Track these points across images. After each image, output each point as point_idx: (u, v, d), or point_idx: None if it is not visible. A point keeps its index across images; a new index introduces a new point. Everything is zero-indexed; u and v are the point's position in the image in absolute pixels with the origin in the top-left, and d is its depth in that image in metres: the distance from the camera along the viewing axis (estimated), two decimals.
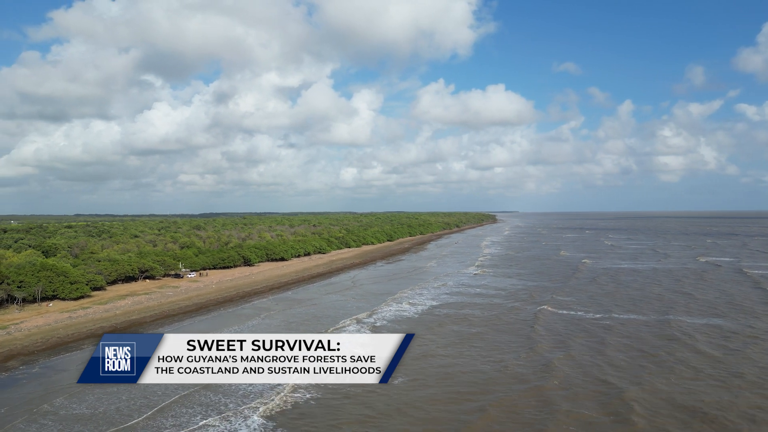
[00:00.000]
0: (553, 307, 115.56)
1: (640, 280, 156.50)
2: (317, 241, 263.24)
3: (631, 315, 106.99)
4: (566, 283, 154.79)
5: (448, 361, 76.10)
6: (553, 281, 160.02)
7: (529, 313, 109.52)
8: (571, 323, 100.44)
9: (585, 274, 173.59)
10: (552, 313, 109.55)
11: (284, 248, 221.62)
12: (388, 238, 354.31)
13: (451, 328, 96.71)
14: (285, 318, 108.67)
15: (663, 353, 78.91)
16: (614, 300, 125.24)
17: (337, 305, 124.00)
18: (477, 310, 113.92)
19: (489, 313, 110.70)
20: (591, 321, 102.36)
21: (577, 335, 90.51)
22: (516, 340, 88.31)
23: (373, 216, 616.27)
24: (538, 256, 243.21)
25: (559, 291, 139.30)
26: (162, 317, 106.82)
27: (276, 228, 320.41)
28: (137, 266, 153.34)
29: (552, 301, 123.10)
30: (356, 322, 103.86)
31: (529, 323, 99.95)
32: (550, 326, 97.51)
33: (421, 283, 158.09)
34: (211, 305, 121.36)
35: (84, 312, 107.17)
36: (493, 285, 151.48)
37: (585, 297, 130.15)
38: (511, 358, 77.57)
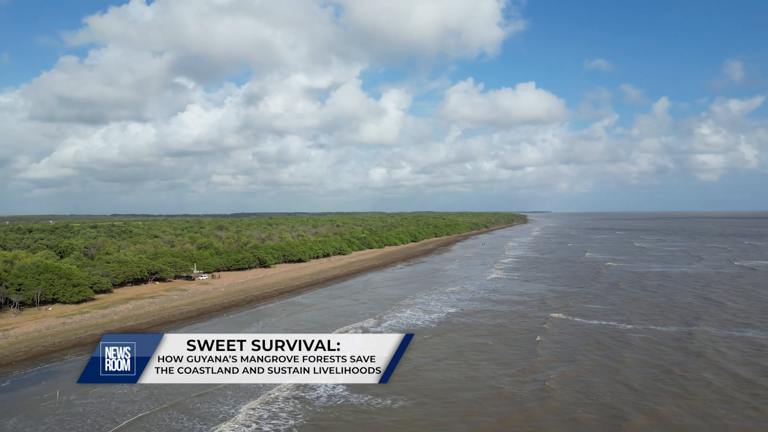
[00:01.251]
0: (566, 315, 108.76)
1: (668, 286, 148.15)
2: (338, 242, 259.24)
3: (651, 325, 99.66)
4: (586, 288, 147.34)
5: (435, 377, 70.07)
6: (573, 286, 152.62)
7: (537, 322, 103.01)
8: (582, 333, 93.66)
9: (608, 279, 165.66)
10: (563, 322, 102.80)
11: (302, 249, 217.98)
12: (412, 239, 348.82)
13: (451, 337, 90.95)
14: (286, 325, 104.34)
15: (684, 372, 71.67)
16: (635, 307, 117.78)
17: (346, 311, 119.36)
18: (485, 317, 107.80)
19: (497, 321, 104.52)
20: (605, 331, 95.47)
21: (587, 348, 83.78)
22: (517, 353, 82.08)
23: (399, 216, 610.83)
24: (561, 259, 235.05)
25: (576, 297, 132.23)
26: (160, 323, 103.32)
27: (298, 228, 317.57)
28: (146, 268, 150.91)
29: (565, 309, 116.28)
30: (361, 330, 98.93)
31: (536, 333, 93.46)
32: (559, 337, 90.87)
33: (437, 286, 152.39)
34: (215, 310, 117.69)
35: (80, 317, 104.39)
36: (510, 289, 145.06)
37: (603, 304, 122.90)
38: (506, 374, 71.41)
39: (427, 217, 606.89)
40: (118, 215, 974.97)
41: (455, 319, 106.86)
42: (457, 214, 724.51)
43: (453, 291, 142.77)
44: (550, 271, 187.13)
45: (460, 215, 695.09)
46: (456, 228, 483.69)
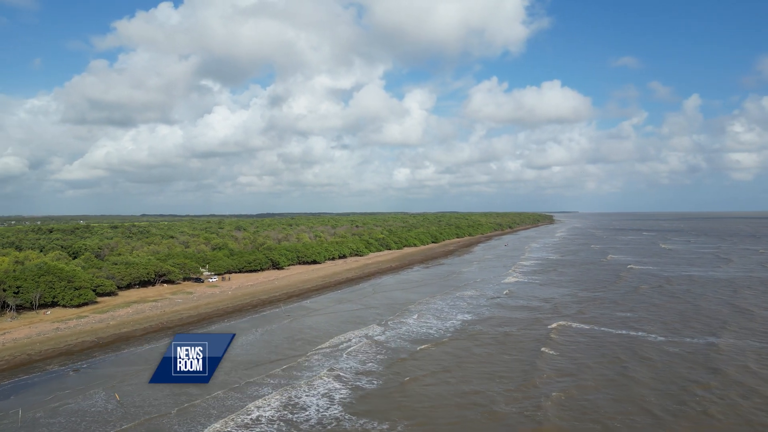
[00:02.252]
0: (578, 323, 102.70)
1: (693, 291, 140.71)
2: (355, 243, 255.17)
3: (671, 335, 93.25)
4: (603, 292, 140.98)
5: (422, 393, 64.92)
6: (590, 290, 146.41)
7: (546, 331, 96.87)
8: (593, 344, 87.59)
9: (628, 283, 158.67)
10: (573, 331, 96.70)
11: (317, 251, 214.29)
12: (432, 240, 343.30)
13: (453, 346, 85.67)
14: (286, 333, 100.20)
15: (705, 392, 65.45)
16: (654, 315, 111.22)
17: (353, 316, 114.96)
18: (494, 325, 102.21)
19: (505, 328, 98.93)
20: (619, 341, 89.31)
21: (595, 361, 77.71)
22: (518, 365, 76.56)
23: (421, 216, 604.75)
24: (582, 261, 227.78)
25: (592, 302, 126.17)
26: (155, 330, 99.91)
27: (317, 228, 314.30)
28: (154, 270, 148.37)
29: (578, 316, 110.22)
30: (365, 338, 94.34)
31: (542, 343, 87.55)
32: (566, 348, 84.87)
33: (451, 290, 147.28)
34: (216, 316, 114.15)
35: (76, 322, 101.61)
36: (525, 294, 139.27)
37: (619, 310, 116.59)
38: (500, 391, 65.82)
39: (450, 217, 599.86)
40: (147, 215, 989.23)
41: (462, 326, 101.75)
42: (480, 215, 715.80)
43: (466, 295, 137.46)
44: (568, 275, 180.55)
45: (483, 215, 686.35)
46: (479, 228, 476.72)
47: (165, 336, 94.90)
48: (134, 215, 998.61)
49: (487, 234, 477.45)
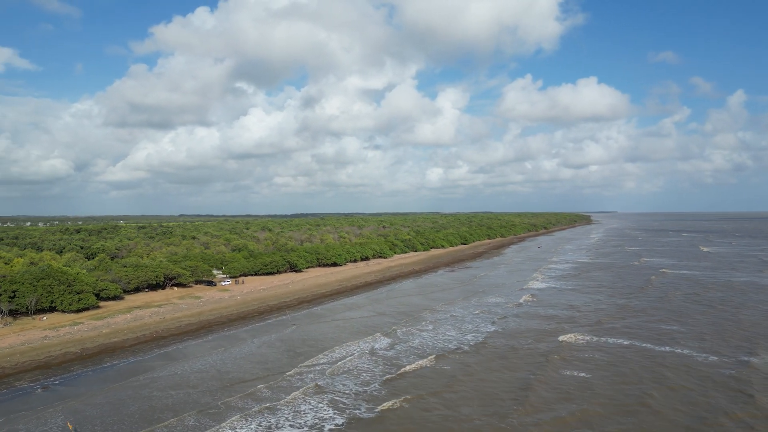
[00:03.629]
0: (591, 335, 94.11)
1: (730, 299, 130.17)
2: (379, 244, 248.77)
3: (698, 350, 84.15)
4: (629, 299, 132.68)
5: (397, 424, 58.18)
6: (615, 296, 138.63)
7: (555, 344, 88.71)
8: (604, 360, 79.22)
9: (657, 288, 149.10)
10: (584, 344, 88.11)
11: (338, 253, 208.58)
12: (462, 242, 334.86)
13: (453, 361, 77.99)
14: (281, 344, 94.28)
15: (730, 423, 57.04)
16: (682, 325, 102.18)
17: (361, 324, 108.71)
18: (504, 337, 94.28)
19: (514, 341, 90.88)
20: (635, 357, 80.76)
21: (603, 381, 69.26)
22: (515, 385, 68.68)
23: (452, 217, 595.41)
24: (614, 264, 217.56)
25: (614, 310, 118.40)
26: (146, 340, 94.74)
27: (343, 229, 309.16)
28: (163, 273, 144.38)
29: (595, 326, 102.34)
30: (368, 352, 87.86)
31: (546, 359, 79.42)
32: (573, 364, 76.42)
33: (470, 296, 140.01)
34: (217, 324, 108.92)
35: (68, 330, 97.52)
36: (546, 301, 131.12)
37: (642, 320, 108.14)
38: (484, 420, 58.05)
39: (482, 217, 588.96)
40: (184, 216, 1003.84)
41: (471, 338, 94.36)
42: (515, 215, 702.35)
43: (486, 302, 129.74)
44: (597, 279, 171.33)
45: (518, 216, 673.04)
46: (512, 229, 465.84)
47: (155, 347, 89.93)
48: (173, 215, 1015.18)
49: (520, 235, 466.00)
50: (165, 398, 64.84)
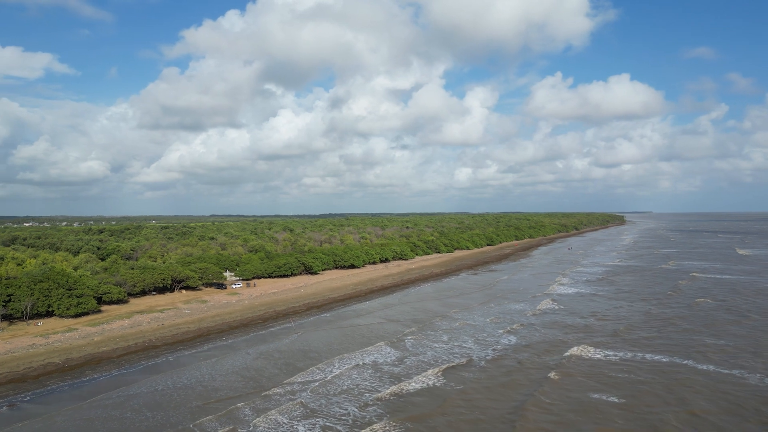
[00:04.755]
0: (604, 349, 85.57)
1: (765, 308, 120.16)
2: (400, 245, 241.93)
3: (725, 367, 75.72)
4: (653, 306, 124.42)
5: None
6: (639, 301, 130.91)
7: (561, 359, 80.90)
8: (612, 378, 71.13)
9: (685, 294, 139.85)
10: (593, 360, 79.64)
11: (356, 254, 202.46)
12: (488, 243, 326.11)
13: (452, 379, 70.46)
14: (278, 355, 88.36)
15: None
16: (709, 336, 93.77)
17: (369, 331, 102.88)
18: (511, 350, 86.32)
19: (521, 355, 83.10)
20: (650, 375, 72.53)
21: (609, 405, 60.79)
22: (510, 405, 61.46)
23: (479, 217, 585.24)
24: (642, 267, 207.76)
25: (634, 319, 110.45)
26: (137, 350, 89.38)
27: (365, 230, 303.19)
28: (171, 276, 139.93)
29: (612, 338, 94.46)
30: (370, 366, 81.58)
31: (546, 377, 71.68)
32: (575, 383, 68.36)
33: (489, 302, 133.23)
34: (216, 332, 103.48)
35: (59, 337, 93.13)
36: (566, 308, 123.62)
37: (665, 330, 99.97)
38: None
39: (510, 218, 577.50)
40: (216, 216, 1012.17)
41: (477, 349, 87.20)
42: (545, 215, 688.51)
43: (504, 310, 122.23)
44: (621, 284, 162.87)
45: (548, 216, 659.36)
46: (541, 230, 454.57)
47: (143, 358, 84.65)
48: (204, 216, 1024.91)
49: (550, 236, 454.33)
50: (135, 419, 59.30)
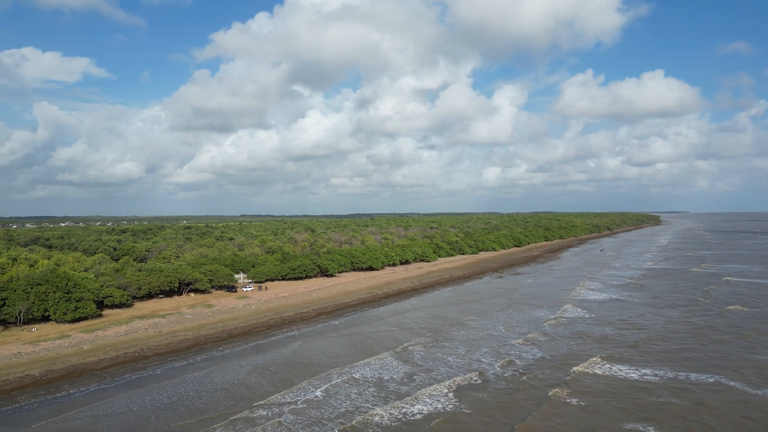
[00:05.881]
0: (617, 363, 76.96)
1: None
2: (422, 246, 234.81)
3: (755, 387, 66.96)
4: (679, 314, 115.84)
5: None
6: (666, 307, 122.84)
7: (564, 378, 72.94)
8: (621, 398, 63.07)
9: (715, 301, 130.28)
10: (600, 378, 71.27)
11: (374, 256, 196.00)
12: (515, 244, 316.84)
13: (445, 400, 63.51)
14: (274, 368, 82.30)
15: None
16: (738, 351, 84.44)
17: (378, 339, 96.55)
18: (513, 367, 78.54)
19: (524, 376, 75.56)
20: (669, 395, 64.23)
21: None
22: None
23: (508, 217, 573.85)
24: (674, 271, 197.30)
25: (658, 328, 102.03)
26: (125, 361, 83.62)
27: (388, 230, 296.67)
28: (178, 278, 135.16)
29: (630, 350, 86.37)
30: (372, 382, 75.11)
31: (537, 406, 63.65)
32: (574, 407, 60.68)
33: (511, 308, 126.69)
34: (214, 341, 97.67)
35: (48, 345, 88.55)
36: (589, 315, 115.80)
37: (688, 342, 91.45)
38: None
39: (540, 218, 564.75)
40: (246, 216, 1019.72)
41: (481, 358, 79.83)
42: (575, 215, 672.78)
43: (525, 317, 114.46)
44: (651, 289, 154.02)
45: (579, 216, 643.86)
46: (572, 231, 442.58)
47: (129, 370, 79.07)
48: (235, 216, 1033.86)
49: (581, 237, 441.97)
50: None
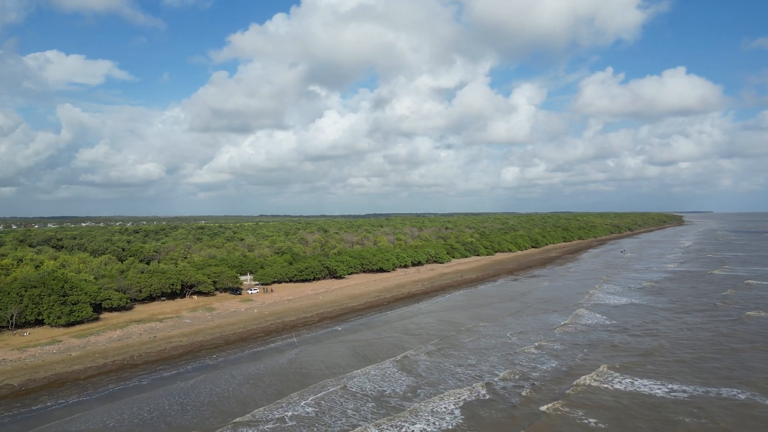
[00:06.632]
0: (629, 376, 70.59)
1: None
2: (435, 248, 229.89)
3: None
4: (695, 320, 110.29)
5: None
6: (682, 312, 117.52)
7: (565, 392, 67.95)
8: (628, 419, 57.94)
9: (732, 307, 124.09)
10: (611, 390, 65.87)
11: (385, 258, 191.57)
12: (532, 245, 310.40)
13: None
14: (267, 378, 78.30)
15: None
16: (757, 362, 78.69)
17: (377, 350, 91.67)
18: (512, 379, 73.59)
19: (524, 387, 70.68)
20: (675, 414, 58.77)
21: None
22: None
23: (526, 217, 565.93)
24: (690, 274, 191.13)
25: (671, 336, 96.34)
26: (113, 369, 79.72)
27: (402, 231, 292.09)
28: (181, 280, 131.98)
29: (644, 360, 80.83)
30: (370, 397, 70.77)
31: (537, 414, 58.71)
32: None
33: (521, 313, 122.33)
34: (208, 348, 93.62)
35: (36, 351, 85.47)
36: (603, 321, 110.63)
37: (704, 351, 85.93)
38: None
39: (558, 218, 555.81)
40: (264, 216, 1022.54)
41: (492, 369, 74.89)
42: (595, 215, 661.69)
43: (533, 325, 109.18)
44: (666, 293, 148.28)
45: (599, 216, 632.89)
46: (591, 231, 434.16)
47: (113, 380, 75.21)
48: (253, 216, 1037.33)
49: (601, 237, 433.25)
50: None
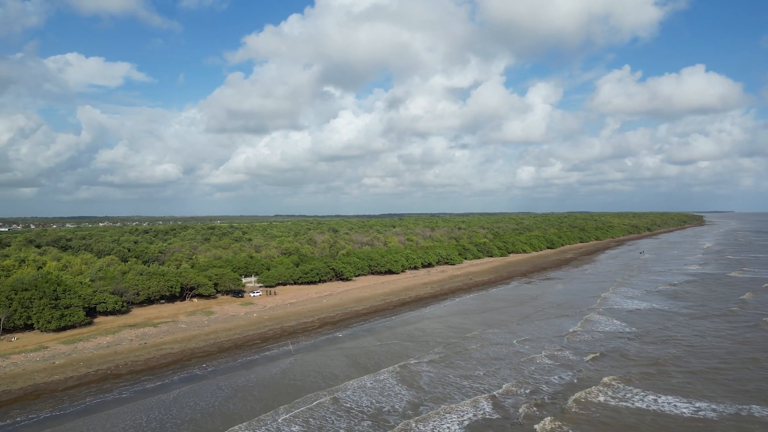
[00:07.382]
0: (636, 387, 65.46)
1: None
2: (446, 249, 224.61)
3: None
4: (709, 325, 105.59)
5: None
6: (696, 317, 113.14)
7: (561, 405, 62.90)
8: None
9: (748, 313, 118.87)
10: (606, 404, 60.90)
11: (394, 259, 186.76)
12: (548, 245, 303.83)
13: None
14: (254, 390, 73.99)
15: None
16: None
17: (372, 361, 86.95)
18: (519, 393, 68.36)
19: (524, 404, 65.45)
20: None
21: None
22: None
23: (541, 217, 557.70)
24: (707, 276, 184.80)
25: (683, 346, 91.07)
26: (94, 380, 75.23)
27: (413, 231, 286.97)
28: (180, 282, 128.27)
29: (654, 368, 76.61)
30: (367, 415, 66.25)
31: None
32: None
33: (527, 319, 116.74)
34: (199, 356, 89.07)
35: (19, 358, 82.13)
36: (626, 326, 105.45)
37: (718, 362, 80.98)
38: None
39: (575, 218, 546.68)
40: (279, 216, 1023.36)
41: (502, 383, 69.90)
42: (613, 215, 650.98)
43: (555, 332, 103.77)
44: (684, 297, 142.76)
45: (616, 216, 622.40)
46: (609, 231, 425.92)
47: (92, 392, 70.85)
48: (268, 216, 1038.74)
49: (619, 238, 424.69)
50: None
